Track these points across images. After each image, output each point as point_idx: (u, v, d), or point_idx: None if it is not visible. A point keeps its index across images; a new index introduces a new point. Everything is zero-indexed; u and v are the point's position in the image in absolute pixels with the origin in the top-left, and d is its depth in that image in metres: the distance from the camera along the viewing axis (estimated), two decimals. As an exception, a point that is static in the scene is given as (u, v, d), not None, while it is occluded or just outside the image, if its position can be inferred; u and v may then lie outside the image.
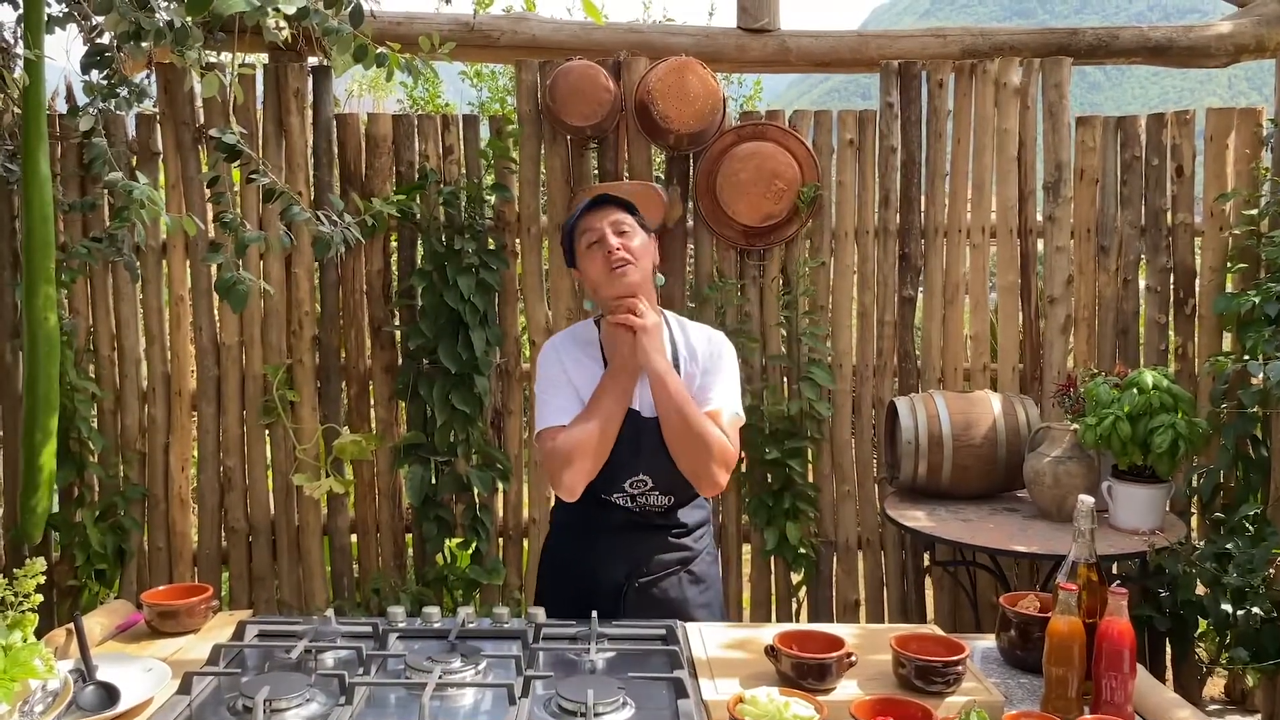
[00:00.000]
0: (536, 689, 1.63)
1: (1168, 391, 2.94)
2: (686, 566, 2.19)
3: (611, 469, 2.08)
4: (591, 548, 2.16)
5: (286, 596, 3.63)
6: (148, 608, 1.99)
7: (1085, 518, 1.74)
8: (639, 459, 2.09)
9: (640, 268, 2.08)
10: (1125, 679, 1.61)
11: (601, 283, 2.09)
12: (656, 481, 2.11)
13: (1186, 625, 3.35)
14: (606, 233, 2.07)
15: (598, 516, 2.15)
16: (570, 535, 2.22)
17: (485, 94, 6.84)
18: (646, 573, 2.14)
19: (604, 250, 2.06)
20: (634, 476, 2.10)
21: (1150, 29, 3.71)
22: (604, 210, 2.11)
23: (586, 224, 2.10)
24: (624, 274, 2.06)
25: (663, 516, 2.16)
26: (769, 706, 1.52)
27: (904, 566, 3.67)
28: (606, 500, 2.13)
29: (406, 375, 3.51)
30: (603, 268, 2.07)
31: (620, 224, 2.09)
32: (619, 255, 2.05)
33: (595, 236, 2.08)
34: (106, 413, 3.54)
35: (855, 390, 3.64)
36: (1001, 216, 3.58)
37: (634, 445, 2.08)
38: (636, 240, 2.09)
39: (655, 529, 2.16)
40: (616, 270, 2.06)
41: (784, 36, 3.62)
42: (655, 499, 2.14)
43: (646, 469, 2.10)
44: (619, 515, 2.14)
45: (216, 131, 2.42)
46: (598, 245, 2.08)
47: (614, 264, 2.05)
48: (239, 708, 1.54)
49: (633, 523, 2.14)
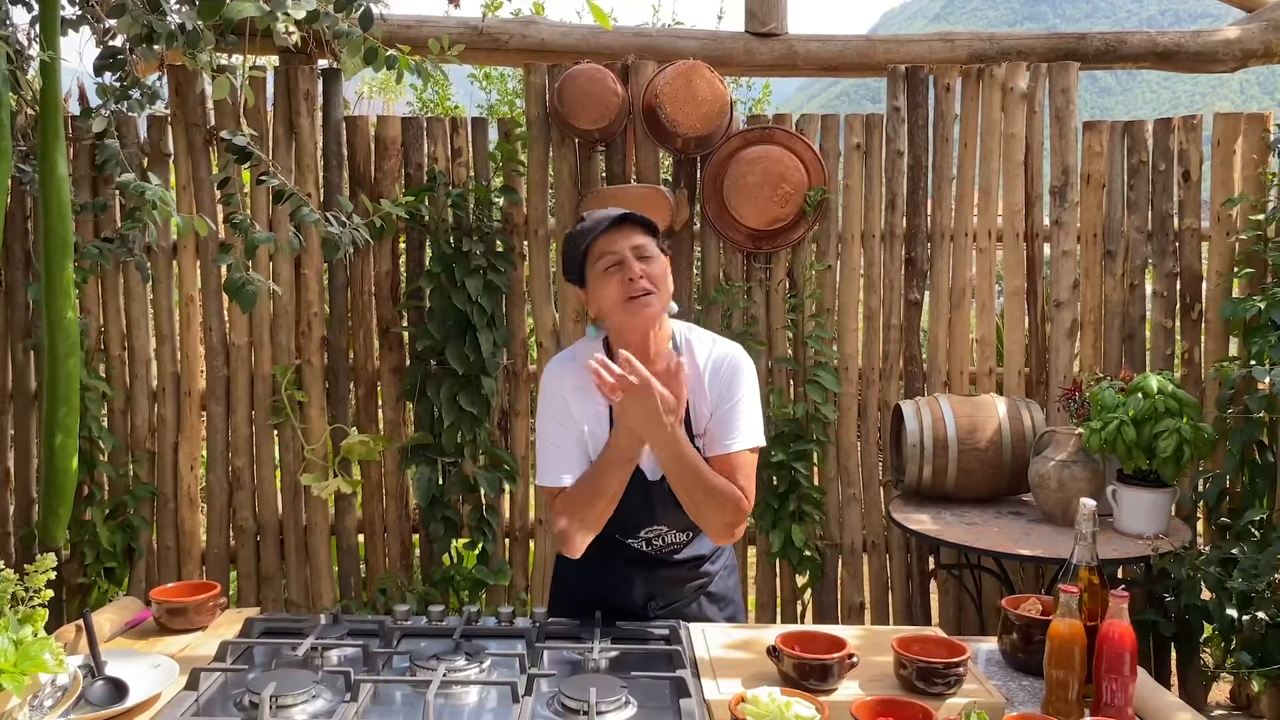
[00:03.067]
0: (540, 687, 1.65)
1: (1173, 396, 2.95)
2: (705, 589, 2.14)
3: (624, 523, 2.02)
4: (608, 581, 2.08)
5: (294, 596, 3.65)
6: (156, 605, 2.01)
7: (1087, 521, 1.74)
8: (652, 514, 2.02)
9: (661, 297, 1.95)
10: (1126, 682, 1.62)
11: (617, 311, 1.95)
12: (672, 526, 2.05)
13: (1192, 630, 3.35)
14: (629, 258, 1.92)
15: (614, 554, 2.07)
16: (583, 568, 2.08)
17: (494, 96, 6.87)
18: (664, 602, 2.09)
19: (624, 276, 1.92)
20: (648, 528, 2.04)
21: (1159, 34, 3.72)
22: (626, 231, 1.95)
23: (606, 245, 1.94)
24: (646, 304, 1.92)
25: (680, 551, 2.10)
26: (770, 706, 1.53)
27: (909, 570, 3.67)
28: (622, 542, 2.07)
29: (414, 376, 3.53)
30: (620, 295, 1.92)
31: (643, 249, 1.94)
32: (641, 285, 1.91)
33: (615, 260, 1.93)
34: (116, 412, 3.57)
35: (861, 393, 3.65)
36: (1008, 221, 3.59)
37: (646, 504, 2.00)
38: (658, 266, 1.95)
39: (674, 564, 2.10)
40: (638, 300, 1.92)
41: (791, 41, 3.63)
42: (673, 538, 2.08)
43: (661, 520, 2.03)
44: (635, 553, 2.08)
45: (227, 134, 2.45)
46: (617, 269, 1.93)
47: (635, 293, 1.91)
48: (246, 704, 1.56)
49: (648, 562, 2.08)
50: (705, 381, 2.02)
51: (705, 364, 2.04)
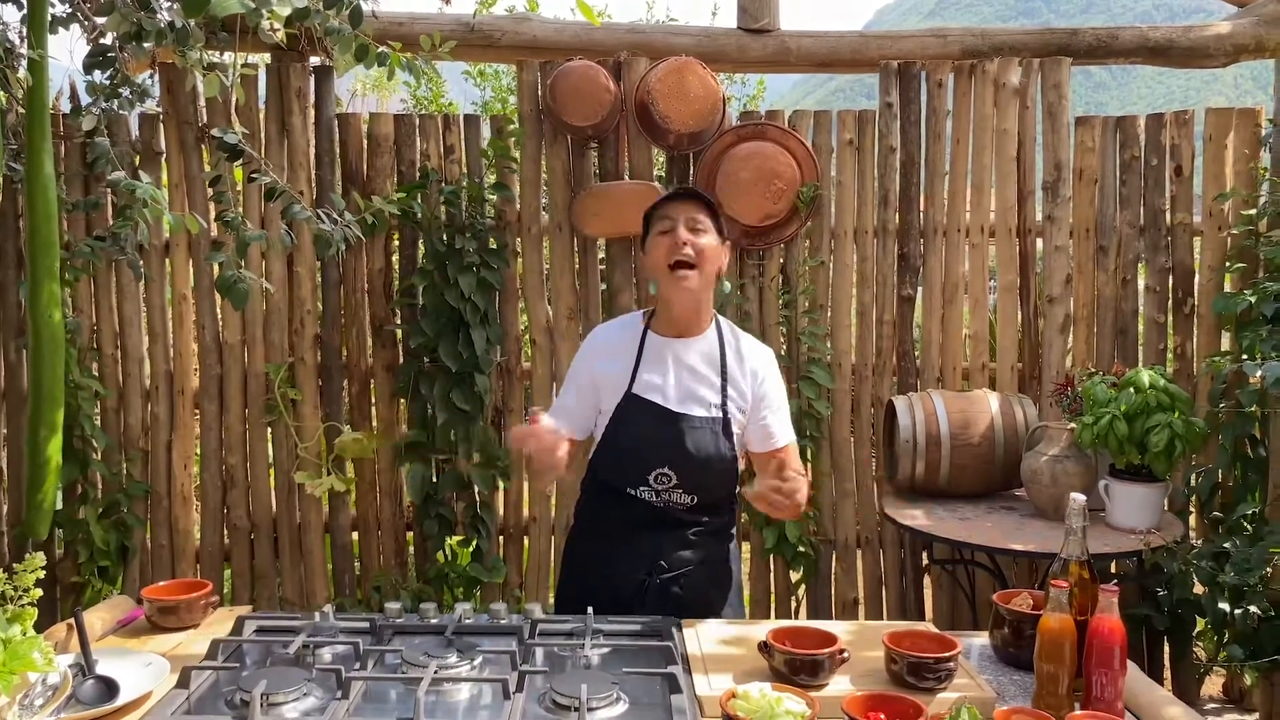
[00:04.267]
0: (531, 684, 1.65)
1: (1164, 391, 2.95)
2: (708, 567, 2.20)
3: (635, 462, 2.13)
4: (614, 542, 2.18)
5: (288, 594, 3.65)
6: (148, 603, 2.01)
7: (1077, 515, 1.75)
8: (662, 450, 2.11)
9: (704, 273, 2.09)
10: (1116, 675, 1.63)
11: (661, 274, 2.10)
12: (681, 479, 2.13)
13: (1185, 624, 3.36)
14: (679, 224, 2.07)
15: (621, 511, 2.17)
16: (593, 529, 2.25)
17: (489, 93, 6.86)
18: (667, 569, 2.15)
19: (673, 240, 2.06)
20: (659, 469, 2.12)
21: (1150, 29, 3.72)
22: (686, 203, 2.11)
23: (665, 210, 2.11)
24: (684, 279, 2.07)
25: (686, 513, 2.17)
26: (761, 702, 1.53)
27: (903, 565, 3.68)
28: (631, 495, 2.15)
29: (408, 374, 3.53)
30: (664, 258, 2.08)
31: (696, 221, 2.09)
32: (684, 251, 2.05)
33: (669, 225, 2.09)
34: (110, 411, 3.57)
35: (854, 389, 3.66)
36: (1000, 216, 3.59)
37: (659, 438, 2.11)
38: (707, 240, 2.09)
39: (678, 525, 2.17)
40: (677, 271, 2.06)
41: (784, 37, 3.63)
42: (679, 496, 2.15)
43: (672, 464, 2.11)
44: (642, 510, 2.16)
45: (218, 131, 2.44)
46: (668, 234, 2.08)
47: (677, 259, 2.05)
48: (237, 701, 1.56)
49: (656, 518, 2.16)
50: (748, 377, 2.19)
51: (745, 356, 2.21)
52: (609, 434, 2.18)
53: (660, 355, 2.18)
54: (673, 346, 2.18)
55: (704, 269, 2.09)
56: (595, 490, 2.26)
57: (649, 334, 2.20)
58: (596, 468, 2.24)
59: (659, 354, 2.18)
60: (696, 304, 2.15)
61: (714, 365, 2.17)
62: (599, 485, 2.24)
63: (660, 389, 2.15)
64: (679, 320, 2.17)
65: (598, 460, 2.24)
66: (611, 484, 2.18)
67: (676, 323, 2.17)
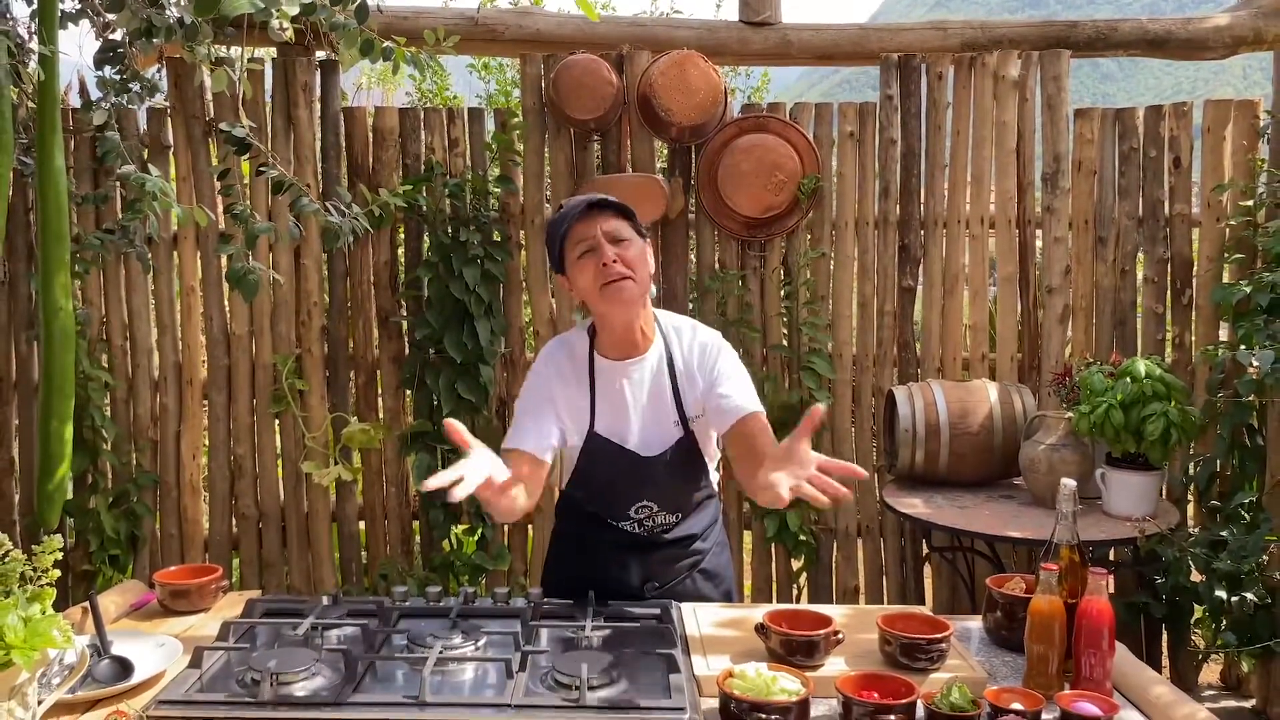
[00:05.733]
0: (535, 664, 1.69)
1: (1160, 380, 2.98)
2: (699, 567, 2.18)
3: (615, 500, 2.08)
4: (601, 564, 2.12)
5: (296, 582, 3.70)
6: (160, 587, 2.05)
7: (1068, 501, 1.78)
8: (642, 490, 2.07)
9: (638, 280, 1.96)
10: (1104, 656, 1.67)
11: (594, 297, 1.96)
12: (662, 504, 2.09)
13: (1182, 612, 3.40)
14: (602, 242, 1.93)
15: (607, 535, 2.12)
16: (575, 551, 2.18)
17: (493, 86, 6.89)
18: (659, 583, 2.13)
19: (598, 261, 1.93)
20: (639, 503, 2.08)
21: (1150, 21, 3.74)
22: (598, 216, 1.96)
23: (581, 231, 1.95)
24: (620, 290, 1.93)
25: (671, 531, 2.13)
26: (757, 680, 1.57)
27: (902, 553, 3.72)
28: (614, 526, 2.11)
29: (413, 365, 3.57)
30: (594, 280, 1.94)
31: (616, 232, 1.95)
32: (614, 269, 1.92)
33: (589, 245, 1.95)
34: (119, 401, 3.61)
35: (855, 380, 3.69)
36: (1000, 208, 3.62)
37: (635, 479, 2.06)
38: (633, 249, 1.96)
39: (665, 544, 2.13)
40: (611, 285, 1.93)
41: (785, 29, 3.66)
42: (663, 519, 2.11)
43: (650, 497, 2.08)
44: (627, 536, 2.12)
45: (226, 126, 2.48)
46: (590, 255, 1.94)
47: (609, 278, 1.92)
48: (248, 681, 1.61)
49: (641, 544, 2.12)
50: (694, 366, 2.08)
51: (691, 351, 2.09)
52: (582, 470, 2.09)
53: (612, 386, 2.06)
54: (623, 372, 2.05)
55: (639, 277, 1.96)
56: (576, 513, 2.18)
57: (596, 359, 2.07)
58: (576, 491, 2.15)
59: (611, 385, 2.06)
60: (636, 318, 2.02)
61: (664, 374, 2.07)
62: (575, 513, 2.17)
63: (622, 431, 2.05)
64: (622, 341, 2.04)
65: (575, 491, 2.15)
66: (590, 513, 2.12)
67: (621, 344, 2.04)
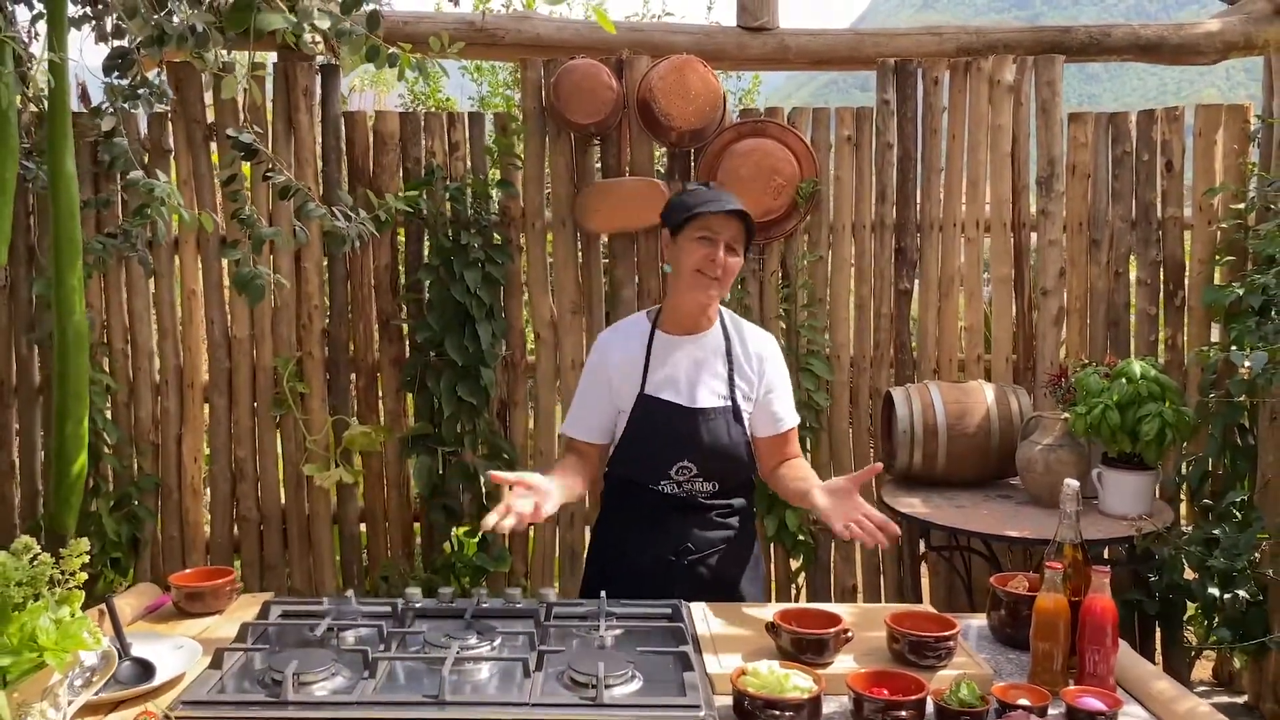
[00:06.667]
0: (550, 663, 1.72)
1: (1155, 381, 3.03)
2: (734, 546, 2.32)
3: (657, 459, 2.25)
4: (641, 528, 2.29)
5: (297, 584, 3.71)
6: (176, 589, 2.07)
7: (1071, 500, 1.82)
8: (684, 447, 2.24)
9: (723, 285, 2.23)
10: (1108, 652, 1.70)
11: (688, 275, 2.21)
12: (701, 469, 2.26)
13: (1175, 609, 3.44)
14: (721, 244, 2.19)
15: (646, 500, 2.28)
16: (618, 517, 2.36)
17: (485, 89, 6.91)
18: (694, 550, 2.27)
19: (709, 255, 2.18)
20: (680, 463, 2.25)
21: (1141, 27, 3.79)
22: (734, 223, 2.21)
23: (712, 223, 2.20)
24: (708, 285, 2.20)
25: (709, 499, 2.30)
26: (770, 678, 1.60)
27: (900, 552, 3.76)
28: (653, 489, 2.27)
29: (414, 367, 3.59)
30: (696, 264, 2.19)
31: (735, 242, 2.22)
32: (716, 269, 2.19)
33: (710, 237, 2.19)
34: (120, 405, 3.62)
35: (853, 381, 3.73)
36: (995, 211, 3.67)
37: (678, 435, 2.23)
38: (736, 262, 2.23)
39: (701, 509, 2.30)
40: (705, 278, 2.19)
41: (783, 35, 3.70)
42: (700, 485, 2.28)
43: (692, 457, 2.24)
44: (666, 500, 2.27)
45: (233, 131, 2.50)
46: (706, 244, 2.19)
47: (709, 272, 2.18)
48: (269, 681, 1.63)
49: (680, 506, 2.28)
50: (753, 363, 2.32)
51: (747, 348, 2.33)
52: (628, 434, 2.29)
53: (669, 353, 2.29)
54: (680, 344, 2.29)
55: (725, 283, 2.23)
56: (618, 483, 2.37)
57: (656, 333, 2.31)
58: (618, 466, 2.35)
59: (667, 352, 2.29)
60: (707, 308, 2.28)
61: (720, 356, 2.29)
62: (622, 480, 2.35)
63: (673, 386, 2.26)
64: (687, 319, 2.29)
65: (618, 459, 2.35)
66: (633, 478, 2.29)
67: (684, 321, 2.29)
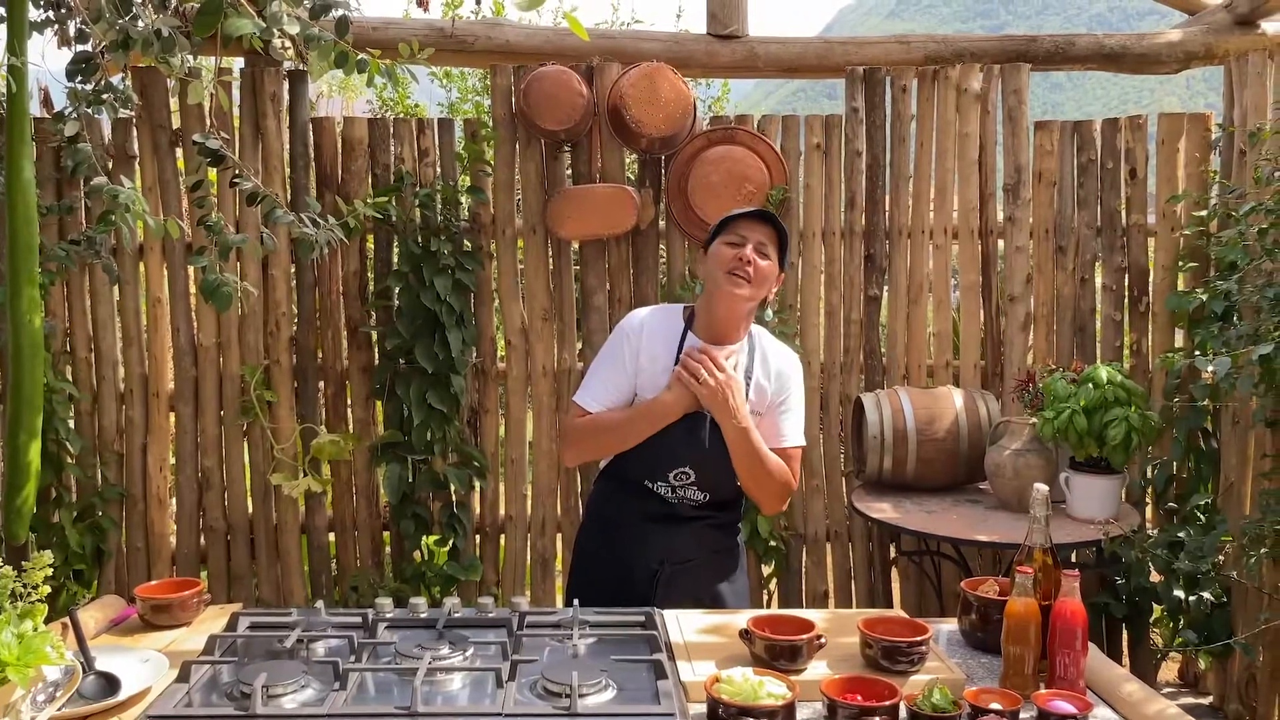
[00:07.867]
0: (524, 673, 1.70)
1: (1121, 386, 3.07)
2: (718, 557, 2.34)
3: (659, 459, 2.25)
4: (625, 535, 2.30)
5: (265, 595, 3.67)
6: (141, 601, 2.04)
7: (1040, 505, 1.84)
8: (687, 453, 2.24)
9: (755, 290, 2.21)
10: (1078, 656, 1.72)
11: (717, 274, 2.22)
12: (698, 477, 2.26)
13: (1142, 612, 3.49)
14: (749, 244, 2.20)
15: (635, 504, 2.30)
16: (604, 523, 2.36)
17: (454, 94, 6.89)
18: (678, 560, 2.27)
19: (737, 254, 2.19)
20: (679, 468, 2.25)
21: (1105, 36, 3.84)
22: (763, 227, 2.23)
23: (742, 227, 2.22)
24: (737, 283, 2.19)
25: (696, 509, 2.30)
26: (744, 685, 1.60)
27: (871, 557, 3.77)
28: (647, 489, 2.28)
29: (383, 375, 3.56)
30: (725, 264, 2.20)
31: (764, 246, 2.22)
32: (745, 267, 2.18)
33: (739, 240, 2.21)
34: (84, 414, 3.57)
35: (823, 387, 3.74)
36: (963, 218, 3.70)
37: (684, 440, 2.23)
38: (767, 265, 2.22)
39: (688, 519, 2.30)
40: (734, 277, 2.19)
41: (753, 43, 3.71)
42: (693, 493, 2.28)
43: (692, 463, 2.25)
44: (655, 504, 2.28)
45: (200, 137, 2.47)
46: (734, 247, 2.20)
47: (737, 270, 2.18)
48: (237, 694, 1.61)
49: (668, 513, 2.29)
50: (770, 378, 2.30)
51: (767, 370, 2.31)
52: None
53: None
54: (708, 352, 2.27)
55: (757, 286, 2.21)
56: (610, 481, 2.38)
57: (689, 335, 2.30)
58: (617, 460, 2.33)
59: None
60: (739, 315, 2.26)
61: (741, 370, 2.28)
62: (616, 476, 2.35)
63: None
64: (718, 325, 2.27)
65: (615, 466, 2.34)
66: (630, 476, 2.29)
67: (715, 327, 2.27)
